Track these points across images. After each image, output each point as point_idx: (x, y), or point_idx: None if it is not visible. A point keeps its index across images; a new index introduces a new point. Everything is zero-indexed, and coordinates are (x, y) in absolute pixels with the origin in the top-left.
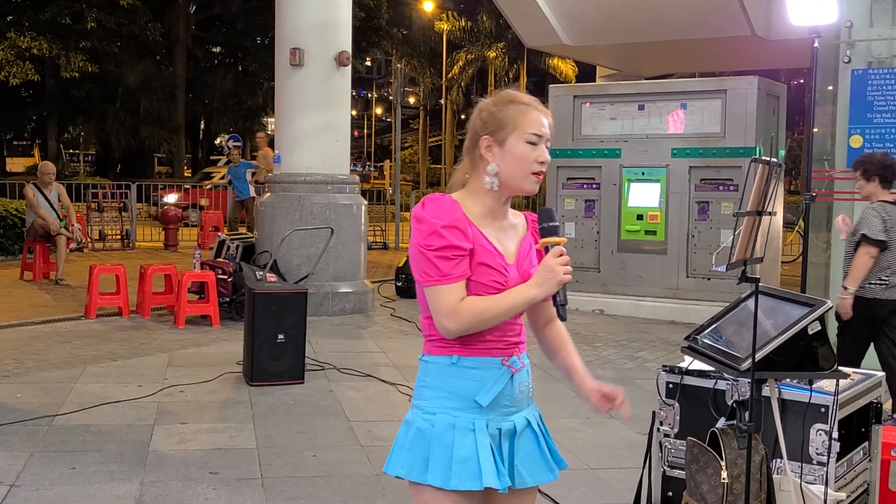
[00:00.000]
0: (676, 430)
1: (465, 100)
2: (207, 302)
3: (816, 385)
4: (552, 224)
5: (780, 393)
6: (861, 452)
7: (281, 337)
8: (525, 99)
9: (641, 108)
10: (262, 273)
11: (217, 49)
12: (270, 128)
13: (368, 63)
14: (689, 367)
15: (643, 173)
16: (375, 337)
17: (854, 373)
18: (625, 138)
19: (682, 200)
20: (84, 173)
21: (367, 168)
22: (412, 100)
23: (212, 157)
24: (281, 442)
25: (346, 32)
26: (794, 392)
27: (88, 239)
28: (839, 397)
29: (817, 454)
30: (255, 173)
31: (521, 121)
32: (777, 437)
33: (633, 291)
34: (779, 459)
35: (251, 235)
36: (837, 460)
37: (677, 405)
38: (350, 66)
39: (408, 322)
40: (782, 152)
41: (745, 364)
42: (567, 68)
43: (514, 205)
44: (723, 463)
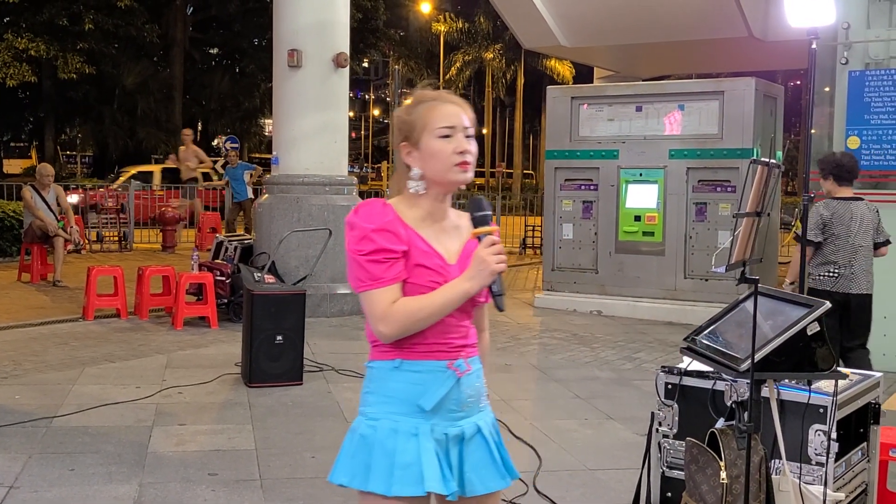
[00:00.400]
0: (675, 430)
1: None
2: (205, 303)
3: (815, 386)
4: (483, 213)
5: (778, 393)
6: (859, 453)
7: (279, 338)
8: (431, 95)
9: (639, 109)
10: (260, 274)
11: (214, 50)
12: (268, 129)
13: (366, 64)
14: (688, 368)
15: (641, 174)
16: None
17: (852, 373)
18: (622, 139)
19: (680, 201)
20: (81, 175)
21: (364, 169)
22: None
23: (209, 158)
24: (280, 443)
25: (343, 34)
26: (793, 393)
27: (86, 241)
28: (838, 398)
29: (816, 454)
30: (252, 174)
31: (428, 118)
32: (776, 437)
33: (630, 292)
34: (778, 460)
35: (249, 237)
36: (836, 461)
37: (676, 406)
38: (348, 67)
39: None
40: (780, 154)
41: (744, 365)
42: (564, 70)
43: (512, 207)
44: (722, 463)
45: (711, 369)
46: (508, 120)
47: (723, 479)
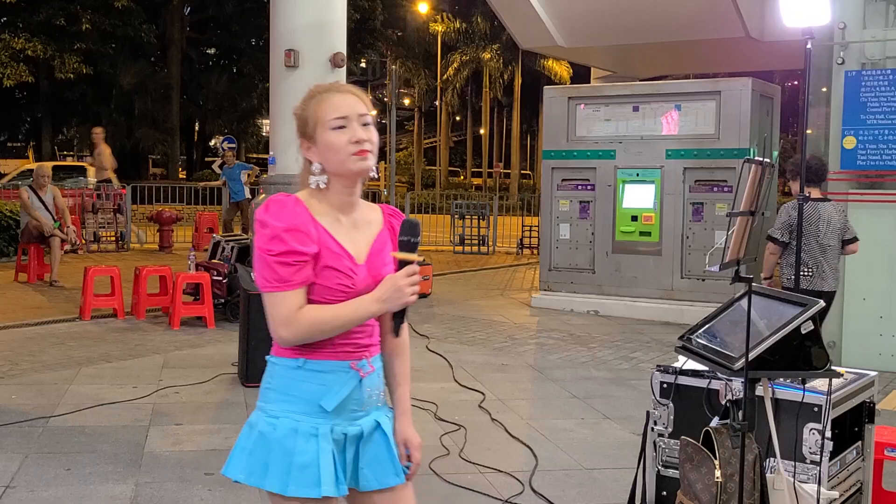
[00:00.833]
0: (670, 429)
1: (461, 101)
2: (202, 303)
3: (810, 384)
4: (412, 240)
5: (773, 392)
6: (854, 451)
7: None
8: (325, 87)
9: (636, 109)
10: None
11: (212, 51)
12: (265, 129)
13: (363, 65)
14: (683, 367)
15: (638, 174)
16: None
17: (847, 372)
18: (619, 139)
19: (677, 202)
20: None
21: None
22: (407, 101)
23: (207, 159)
24: None
25: (340, 34)
26: (788, 391)
27: (83, 241)
28: (832, 396)
29: (810, 453)
30: (249, 174)
31: (320, 111)
32: (770, 436)
33: (627, 292)
34: (772, 458)
35: (246, 237)
36: (830, 459)
37: (671, 405)
38: (345, 67)
39: None
40: (776, 153)
41: (739, 363)
42: (562, 70)
43: (510, 207)
44: (716, 462)
45: (706, 368)
46: (506, 120)
47: (717, 478)
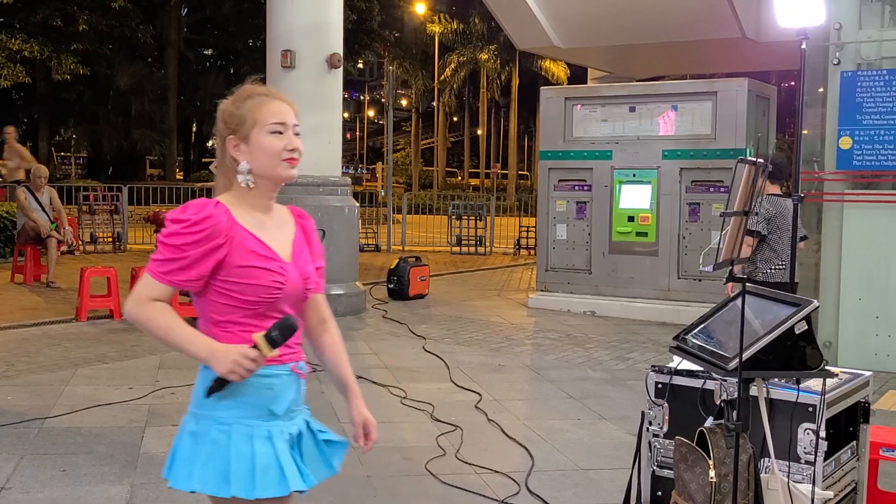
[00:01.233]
0: (665, 429)
1: (458, 102)
2: None
3: (804, 384)
4: (281, 335)
5: (767, 392)
6: (849, 451)
7: None
8: (261, 90)
9: (632, 109)
10: None
11: (209, 51)
12: None
13: (360, 65)
14: (678, 367)
15: (634, 175)
16: (367, 339)
17: (842, 372)
18: (616, 140)
19: (673, 202)
20: (75, 176)
21: (359, 170)
22: (404, 102)
23: (204, 160)
24: None
25: (337, 34)
26: (782, 391)
27: (79, 241)
28: (827, 396)
29: (805, 453)
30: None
31: (259, 113)
32: (765, 436)
33: (624, 293)
34: (766, 458)
35: None
36: (825, 459)
37: (666, 405)
38: (342, 68)
39: (399, 324)
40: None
41: (733, 363)
42: (559, 70)
43: (507, 208)
44: (711, 462)
45: (701, 368)
46: (503, 121)
47: (711, 478)
